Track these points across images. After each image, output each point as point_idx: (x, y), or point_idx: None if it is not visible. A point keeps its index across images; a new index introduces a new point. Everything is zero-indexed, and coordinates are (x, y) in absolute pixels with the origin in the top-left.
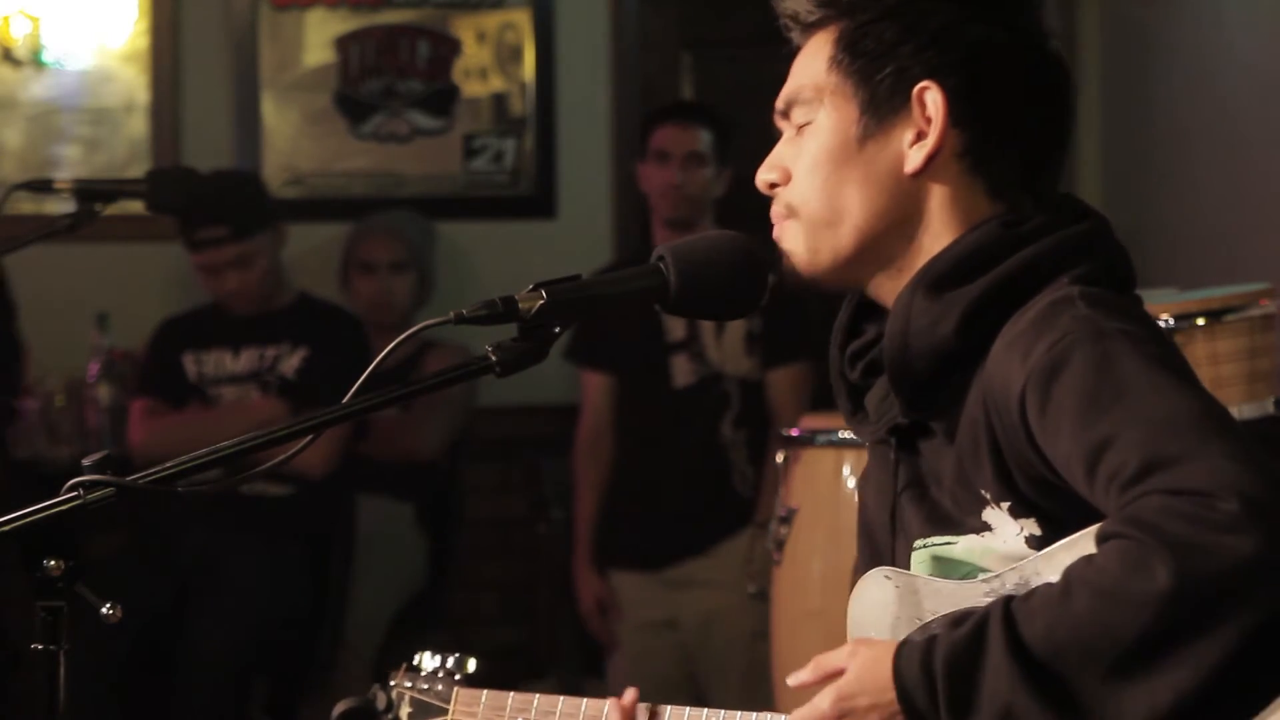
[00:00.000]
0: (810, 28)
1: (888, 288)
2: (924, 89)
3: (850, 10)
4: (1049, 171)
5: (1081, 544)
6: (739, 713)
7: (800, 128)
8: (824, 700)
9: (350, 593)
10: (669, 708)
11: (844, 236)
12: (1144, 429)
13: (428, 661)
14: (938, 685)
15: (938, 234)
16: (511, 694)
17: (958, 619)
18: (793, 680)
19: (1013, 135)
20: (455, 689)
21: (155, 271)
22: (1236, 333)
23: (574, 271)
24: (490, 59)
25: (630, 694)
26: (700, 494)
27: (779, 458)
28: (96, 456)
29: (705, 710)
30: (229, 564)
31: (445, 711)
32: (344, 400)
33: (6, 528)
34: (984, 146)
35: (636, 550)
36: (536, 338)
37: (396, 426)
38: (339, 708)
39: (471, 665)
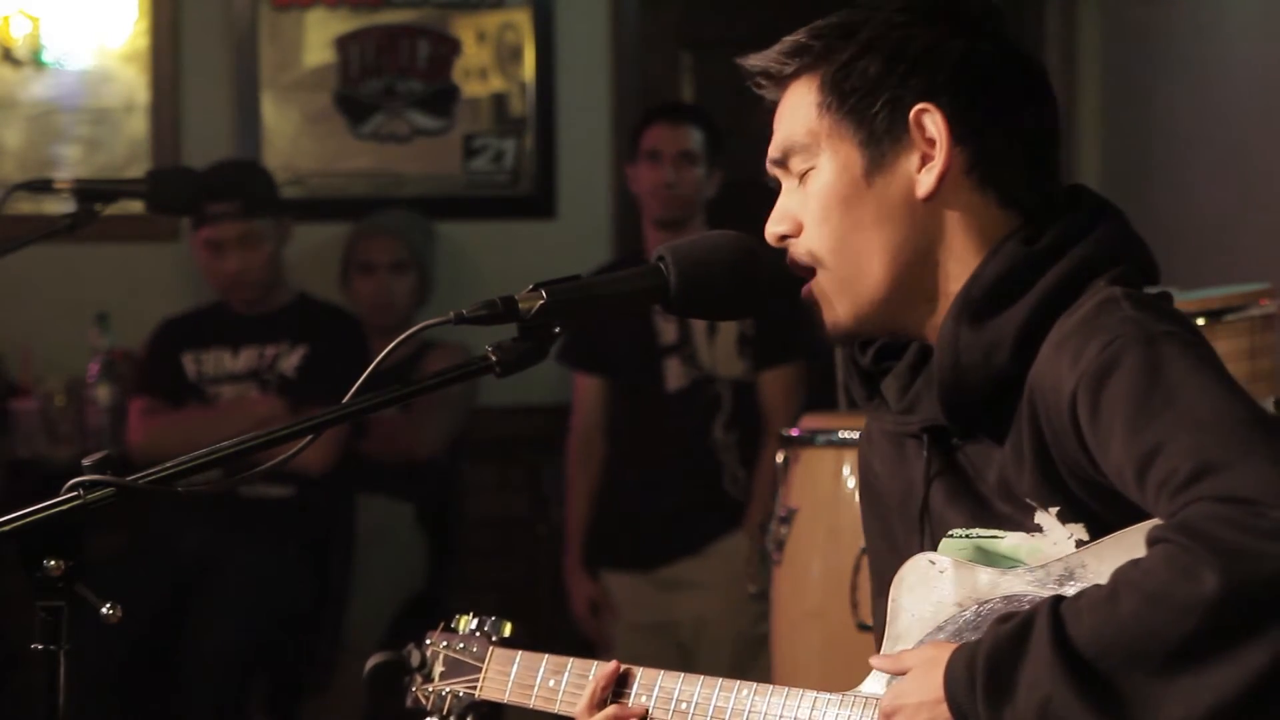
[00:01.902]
0: (785, 80)
1: (927, 320)
2: (922, 111)
3: (826, 54)
4: (1049, 167)
5: (1129, 539)
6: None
7: (802, 176)
8: (884, 700)
9: (350, 593)
10: (641, 670)
11: (876, 278)
12: (1193, 435)
13: (464, 623)
14: (977, 674)
15: (960, 256)
16: (546, 656)
17: (1004, 617)
18: (874, 661)
19: (1013, 140)
20: (491, 648)
21: (155, 271)
22: (1236, 333)
23: (574, 271)
24: (490, 59)
25: (614, 664)
26: (692, 496)
27: (779, 458)
28: (96, 456)
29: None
30: (229, 564)
31: (479, 670)
32: (344, 400)
33: (6, 528)
34: (990, 157)
35: (629, 551)
36: (536, 338)
37: (396, 426)
38: (372, 661)
39: (508, 629)
